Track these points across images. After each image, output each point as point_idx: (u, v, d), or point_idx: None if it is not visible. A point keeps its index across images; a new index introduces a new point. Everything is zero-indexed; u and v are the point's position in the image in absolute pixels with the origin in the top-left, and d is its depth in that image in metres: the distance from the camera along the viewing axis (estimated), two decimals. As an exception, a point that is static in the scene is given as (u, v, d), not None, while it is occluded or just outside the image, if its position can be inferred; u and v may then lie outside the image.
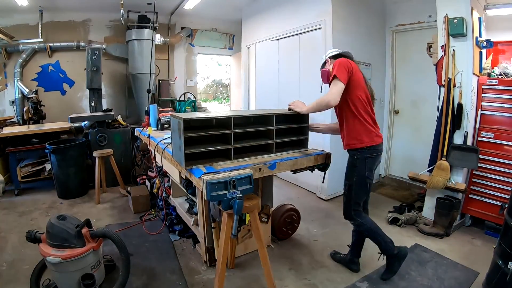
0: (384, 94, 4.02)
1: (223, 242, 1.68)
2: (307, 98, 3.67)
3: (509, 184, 2.44)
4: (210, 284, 1.99)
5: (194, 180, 1.67)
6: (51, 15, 4.55)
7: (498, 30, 2.89)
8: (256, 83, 4.78)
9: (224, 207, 1.55)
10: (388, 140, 4.11)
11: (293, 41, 3.89)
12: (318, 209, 3.29)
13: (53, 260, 1.64)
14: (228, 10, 5.13)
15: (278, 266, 2.20)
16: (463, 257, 2.29)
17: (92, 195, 3.56)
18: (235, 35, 6.00)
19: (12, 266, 2.15)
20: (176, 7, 4.89)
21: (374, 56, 3.81)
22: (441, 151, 2.68)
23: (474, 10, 2.48)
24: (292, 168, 1.97)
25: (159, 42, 5.06)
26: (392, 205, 3.23)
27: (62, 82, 4.83)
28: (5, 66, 4.43)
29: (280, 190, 3.81)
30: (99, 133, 3.80)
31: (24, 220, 2.94)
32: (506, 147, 2.50)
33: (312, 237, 2.64)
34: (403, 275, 2.06)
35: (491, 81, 2.57)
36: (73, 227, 1.73)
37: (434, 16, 2.84)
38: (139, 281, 2.01)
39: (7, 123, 4.26)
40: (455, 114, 2.60)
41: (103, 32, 4.95)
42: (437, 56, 2.76)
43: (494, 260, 1.74)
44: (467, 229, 2.77)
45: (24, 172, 3.74)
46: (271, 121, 2.01)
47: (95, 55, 4.11)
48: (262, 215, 2.35)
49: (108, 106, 4.75)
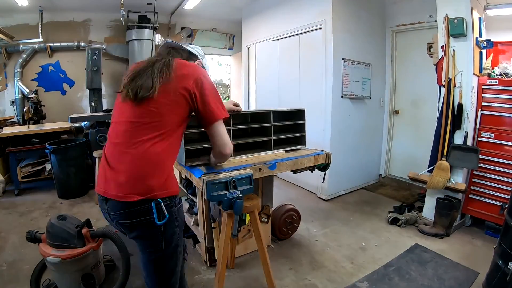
0: (384, 94, 4.02)
1: (223, 242, 1.68)
2: (307, 98, 3.72)
3: (509, 184, 2.44)
4: (210, 284, 1.99)
5: (194, 180, 1.67)
6: (51, 15, 4.54)
7: (498, 30, 2.89)
8: (256, 83, 4.78)
9: (224, 207, 1.55)
10: (388, 140, 4.11)
11: (293, 41, 3.89)
12: (318, 209, 3.29)
13: (53, 260, 1.64)
14: (228, 10, 5.13)
15: (278, 266, 2.20)
16: (463, 257, 2.29)
17: (92, 195, 3.56)
18: (235, 35, 5.99)
19: (12, 266, 2.15)
20: (176, 7, 4.89)
21: (374, 56, 3.81)
22: (441, 151, 2.68)
23: (474, 10, 2.48)
24: (292, 168, 1.97)
25: (159, 42, 5.05)
26: (392, 205, 3.22)
27: (62, 82, 4.82)
28: (5, 66, 4.43)
29: (280, 190, 3.81)
30: (99, 133, 3.80)
31: (24, 220, 2.94)
32: (506, 147, 2.50)
33: (312, 237, 2.64)
34: (403, 275, 2.06)
35: (491, 81, 2.57)
36: (73, 227, 1.73)
37: (434, 16, 2.84)
38: (139, 281, 2.00)
39: (7, 123, 4.26)
40: (455, 114, 2.60)
41: (103, 32, 4.95)
42: (437, 56, 2.76)
43: (494, 260, 1.74)
44: (467, 229, 2.77)
45: (24, 172, 3.74)
46: (269, 118, 2.03)
47: (95, 55, 4.11)
48: (262, 215, 2.35)
49: (108, 106, 4.75)
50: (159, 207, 1.10)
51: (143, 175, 1.10)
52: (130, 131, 1.11)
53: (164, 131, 1.13)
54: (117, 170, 1.11)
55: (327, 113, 3.43)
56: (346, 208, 3.31)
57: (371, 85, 3.78)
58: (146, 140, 1.10)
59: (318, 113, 3.46)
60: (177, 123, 1.17)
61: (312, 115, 2.97)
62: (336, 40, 3.30)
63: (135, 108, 1.12)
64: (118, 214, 1.12)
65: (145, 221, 1.11)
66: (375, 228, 2.81)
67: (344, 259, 2.29)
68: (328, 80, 3.37)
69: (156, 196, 1.10)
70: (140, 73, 1.16)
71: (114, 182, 1.10)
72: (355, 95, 3.60)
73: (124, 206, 1.10)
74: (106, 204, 1.15)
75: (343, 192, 3.72)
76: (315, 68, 3.56)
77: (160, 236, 1.15)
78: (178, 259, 1.25)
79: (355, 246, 2.49)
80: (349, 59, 3.47)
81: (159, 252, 1.18)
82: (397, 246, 2.48)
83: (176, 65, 1.17)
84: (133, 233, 1.16)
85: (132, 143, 1.10)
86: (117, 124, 1.18)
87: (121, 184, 1.09)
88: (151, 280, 1.23)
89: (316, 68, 3.54)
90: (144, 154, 1.09)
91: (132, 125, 1.12)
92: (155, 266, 1.20)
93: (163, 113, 1.12)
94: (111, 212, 1.14)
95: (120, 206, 1.10)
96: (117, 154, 1.13)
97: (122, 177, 1.09)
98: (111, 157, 1.14)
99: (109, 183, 1.12)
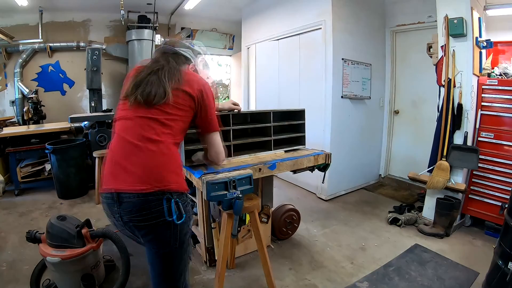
0: (384, 94, 4.02)
1: (223, 242, 1.68)
2: (307, 98, 3.72)
3: (509, 184, 2.44)
4: (210, 284, 1.99)
5: (194, 180, 1.67)
6: (51, 15, 4.55)
7: (498, 30, 2.89)
8: (256, 83, 4.78)
9: (224, 207, 1.55)
10: (388, 140, 4.11)
11: (293, 41, 3.89)
12: (318, 209, 3.29)
13: (53, 260, 1.64)
14: (228, 10, 5.13)
15: (278, 266, 2.20)
16: (463, 257, 2.29)
17: (92, 195, 3.56)
18: (235, 35, 6.00)
19: (12, 266, 2.15)
20: (176, 7, 4.89)
21: (374, 56, 3.81)
22: (441, 151, 2.68)
23: (474, 10, 2.48)
24: (292, 168, 1.97)
25: (159, 42, 5.06)
26: (392, 205, 3.23)
27: (62, 82, 4.82)
28: (5, 66, 4.43)
29: (280, 190, 3.81)
30: (99, 133, 3.80)
31: (24, 220, 2.94)
32: (506, 147, 2.50)
33: (312, 237, 2.64)
34: (403, 275, 2.07)
35: (491, 81, 2.57)
36: (73, 227, 1.73)
37: (434, 16, 2.84)
38: (139, 281, 2.00)
39: (7, 123, 4.26)
40: (455, 114, 2.60)
41: (103, 32, 4.95)
42: (437, 56, 2.76)
43: (494, 260, 1.74)
44: (467, 229, 2.77)
45: (24, 172, 3.74)
46: (268, 118, 2.03)
47: (95, 55, 4.11)
48: (262, 215, 2.34)
49: (108, 106, 4.75)
50: (178, 204, 1.11)
51: (160, 167, 1.11)
52: (142, 127, 1.12)
53: (172, 132, 1.17)
54: (131, 163, 1.09)
55: (327, 113, 3.43)
56: (346, 208, 3.31)
57: (371, 85, 3.79)
58: (160, 134, 1.13)
59: (318, 113, 3.46)
60: (183, 127, 1.23)
61: (312, 115, 2.96)
62: (336, 40, 3.31)
63: (146, 109, 1.15)
64: (134, 211, 1.07)
65: (162, 218, 1.09)
66: (375, 228, 2.81)
67: (344, 259, 2.29)
68: (328, 80, 3.37)
69: (172, 189, 1.10)
70: (143, 80, 1.17)
71: (128, 175, 1.08)
72: (355, 95, 3.60)
73: (140, 199, 1.07)
74: (117, 204, 1.09)
75: (343, 192, 3.72)
76: (315, 68, 3.56)
77: (175, 235, 1.14)
78: (187, 259, 1.26)
79: (355, 246, 2.49)
80: (349, 59, 3.47)
81: (173, 251, 1.17)
82: (397, 246, 2.48)
83: (182, 74, 1.23)
84: (149, 234, 1.13)
85: (145, 138, 1.11)
86: (126, 121, 1.17)
87: (138, 176, 1.08)
88: (160, 279, 1.22)
89: (316, 68, 3.54)
90: (159, 147, 1.11)
91: (144, 120, 1.13)
92: (166, 265, 1.19)
93: (173, 116, 1.17)
94: (125, 211, 1.09)
95: (135, 201, 1.07)
96: (129, 149, 1.11)
97: (137, 170, 1.08)
98: (122, 153, 1.12)
99: (121, 178, 1.09)
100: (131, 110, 1.17)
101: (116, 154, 1.14)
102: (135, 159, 1.10)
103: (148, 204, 1.07)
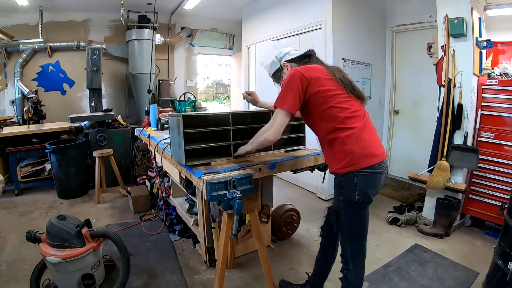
0: (384, 94, 4.02)
1: (223, 242, 1.68)
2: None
3: (509, 184, 2.44)
4: (210, 284, 1.99)
5: (194, 180, 1.67)
6: (51, 15, 4.55)
7: (498, 30, 2.89)
8: (256, 83, 4.77)
9: (224, 207, 1.55)
10: (388, 140, 4.11)
11: (293, 41, 3.88)
12: (318, 209, 3.29)
13: (53, 260, 1.64)
14: (228, 10, 5.13)
15: (278, 266, 2.20)
16: (463, 257, 2.29)
17: (92, 195, 3.56)
18: (235, 35, 6.00)
19: (12, 266, 2.15)
20: (176, 7, 4.89)
21: (374, 56, 3.81)
22: (441, 151, 2.68)
23: (474, 10, 2.48)
24: (292, 168, 1.97)
25: (159, 42, 5.06)
26: (392, 205, 3.23)
27: (62, 82, 4.83)
28: (5, 66, 4.43)
29: (280, 190, 3.81)
30: (99, 133, 3.80)
31: (24, 220, 2.94)
32: (506, 147, 2.50)
33: (312, 237, 2.64)
34: (403, 275, 2.07)
35: (491, 81, 2.57)
36: (73, 227, 1.73)
37: (434, 16, 2.84)
38: (139, 281, 2.01)
39: (7, 123, 4.26)
40: (455, 114, 2.60)
41: (103, 32, 4.95)
42: (437, 56, 2.76)
43: (494, 260, 1.74)
44: (467, 229, 2.77)
45: (24, 172, 3.74)
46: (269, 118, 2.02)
47: (95, 55, 4.11)
48: (262, 215, 2.35)
49: (108, 106, 4.75)
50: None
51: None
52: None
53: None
54: (377, 136, 1.53)
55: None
56: (346, 208, 3.31)
57: (371, 85, 3.78)
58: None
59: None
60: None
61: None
62: (336, 40, 3.30)
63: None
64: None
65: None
66: (375, 228, 2.80)
67: (344, 259, 2.29)
68: (328, 80, 3.36)
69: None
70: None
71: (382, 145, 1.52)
72: (355, 95, 3.60)
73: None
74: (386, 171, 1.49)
75: (343, 192, 3.71)
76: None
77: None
78: None
79: (355, 246, 2.48)
80: (349, 59, 3.47)
81: None
82: (397, 246, 2.48)
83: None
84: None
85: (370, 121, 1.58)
86: (359, 111, 1.54)
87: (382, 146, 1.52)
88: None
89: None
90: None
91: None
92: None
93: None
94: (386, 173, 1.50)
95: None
96: (369, 126, 1.52)
97: (380, 141, 1.55)
98: (370, 129, 1.52)
99: (381, 146, 1.51)
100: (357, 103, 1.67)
101: (370, 129, 1.56)
102: (376, 135, 1.62)
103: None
